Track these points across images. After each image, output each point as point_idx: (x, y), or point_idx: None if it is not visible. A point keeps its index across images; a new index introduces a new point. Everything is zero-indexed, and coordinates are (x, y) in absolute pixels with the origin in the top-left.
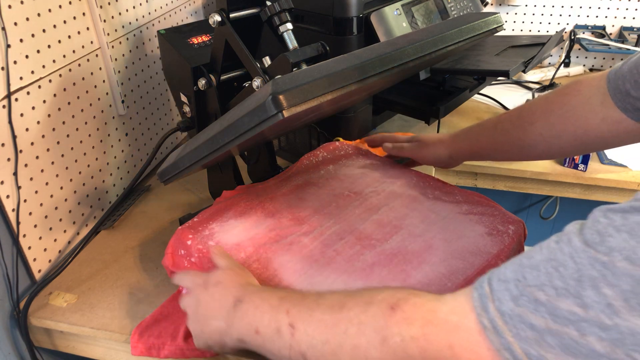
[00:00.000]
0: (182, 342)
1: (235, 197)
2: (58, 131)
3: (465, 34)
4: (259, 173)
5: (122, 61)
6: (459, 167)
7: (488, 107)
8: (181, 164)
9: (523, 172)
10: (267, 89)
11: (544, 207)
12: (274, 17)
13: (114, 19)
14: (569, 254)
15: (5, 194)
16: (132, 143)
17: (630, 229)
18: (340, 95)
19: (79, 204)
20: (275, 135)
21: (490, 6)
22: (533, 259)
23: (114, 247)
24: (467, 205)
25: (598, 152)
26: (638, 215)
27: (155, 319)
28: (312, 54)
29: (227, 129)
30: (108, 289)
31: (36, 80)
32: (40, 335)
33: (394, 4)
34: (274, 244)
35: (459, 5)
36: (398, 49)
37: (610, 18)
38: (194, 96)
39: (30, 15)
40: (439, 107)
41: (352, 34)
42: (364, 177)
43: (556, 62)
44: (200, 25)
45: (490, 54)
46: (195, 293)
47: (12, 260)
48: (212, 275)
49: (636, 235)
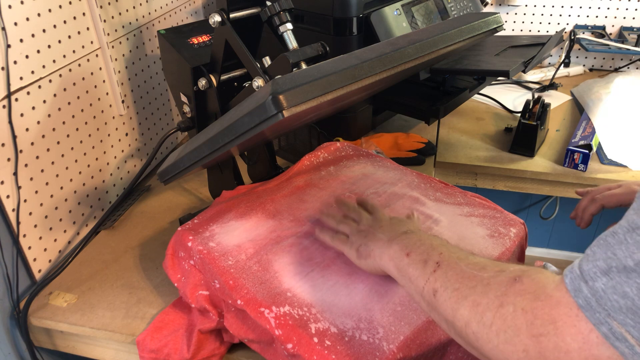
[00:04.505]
0: (187, 354)
1: (236, 198)
2: (58, 131)
3: (465, 34)
4: (259, 173)
5: (122, 61)
6: (459, 166)
7: (488, 107)
8: (181, 164)
9: (523, 172)
10: (267, 89)
11: (544, 207)
12: (274, 17)
13: (114, 19)
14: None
15: (5, 194)
16: (132, 143)
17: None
18: (340, 95)
19: (79, 204)
20: (275, 135)
21: (490, 6)
22: (618, 235)
23: (114, 247)
24: (468, 207)
25: (598, 152)
26: None
27: (156, 327)
28: (312, 54)
29: (227, 129)
30: (108, 289)
31: (36, 80)
32: (40, 335)
33: (394, 4)
34: (275, 245)
35: (459, 5)
36: (398, 49)
37: (610, 18)
38: (194, 96)
39: (31, 15)
40: (438, 107)
41: (352, 34)
42: (365, 179)
43: (556, 62)
44: (200, 25)
45: (490, 54)
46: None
47: (12, 260)
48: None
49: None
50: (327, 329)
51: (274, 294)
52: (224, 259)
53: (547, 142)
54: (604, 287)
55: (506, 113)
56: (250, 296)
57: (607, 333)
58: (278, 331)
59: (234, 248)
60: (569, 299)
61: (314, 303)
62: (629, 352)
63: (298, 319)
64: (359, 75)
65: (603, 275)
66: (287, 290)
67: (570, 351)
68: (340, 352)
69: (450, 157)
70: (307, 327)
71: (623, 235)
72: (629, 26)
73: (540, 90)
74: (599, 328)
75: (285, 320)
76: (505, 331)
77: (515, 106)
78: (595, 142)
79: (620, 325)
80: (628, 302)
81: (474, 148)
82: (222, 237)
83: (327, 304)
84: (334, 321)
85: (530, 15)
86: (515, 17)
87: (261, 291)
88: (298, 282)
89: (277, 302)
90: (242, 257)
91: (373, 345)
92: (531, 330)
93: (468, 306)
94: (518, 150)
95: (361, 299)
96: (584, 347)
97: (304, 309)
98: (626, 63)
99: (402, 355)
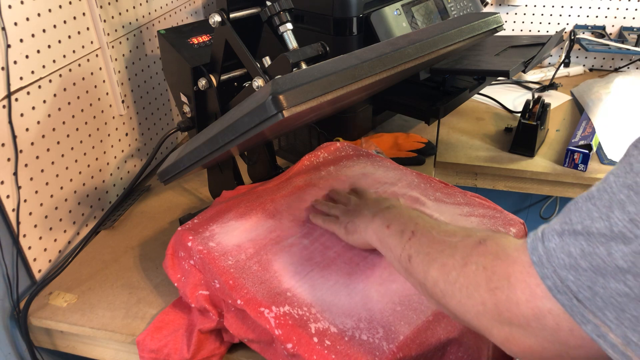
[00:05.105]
0: (187, 354)
1: (236, 198)
2: (58, 131)
3: (465, 34)
4: (259, 173)
5: (122, 61)
6: (459, 166)
7: (488, 107)
8: (181, 164)
9: (523, 172)
10: (267, 89)
11: (544, 207)
12: (274, 17)
13: (114, 19)
14: (603, 189)
15: (5, 194)
16: (132, 143)
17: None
18: (340, 95)
19: (79, 204)
20: (275, 135)
21: (490, 6)
22: (577, 203)
23: (114, 247)
24: (468, 207)
25: (598, 152)
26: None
27: (157, 327)
28: (312, 54)
29: (227, 129)
30: (108, 289)
31: (36, 80)
32: (40, 335)
33: (394, 4)
34: (274, 245)
35: (459, 5)
36: (398, 49)
37: (610, 18)
38: (194, 96)
39: (31, 15)
40: (438, 107)
41: (352, 34)
42: (365, 179)
43: (556, 62)
44: (200, 25)
45: (490, 54)
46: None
47: (12, 260)
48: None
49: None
50: (327, 329)
51: (273, 294)
52: (224, 258)
53: (547, 142)
54: (555, 246)
55: (506, 113)
56: (250, 296)
57: (550, 286)
58: (278, 331)
59: (234, 248)
60: (525, 257)
61: (314, 303)
62: (568, 303)
63: (298, 318)
64: (359, 75)
65: (557, 237)
66: (287, 290)
67: (520, 303)
68: (340, 352)
69: (450, 157)
70: (307, 327)
71: (581, 204)
72: (629, 26)
73: (540, 90)
74: (545, 282)
75: (285, 320)
76: (467, 287)
77: (515, 106)
78: (595, 142)
79: (562, 280)
80: (571, 261)
81: (474, 148)
82: (222, 237)
83: (327, 304)
84: (333, 321)
85: (530, 15)
86: (515, 17)
87: (261, 291)
88: (298, 282)
89: (277, 302)
90: (242, 257)
91: (373, 345)
92: (489, 285)
93: (436, 267)
94: (518, 150)
95: (361, 298)
96: (531, 299)
97: (303, 309)
98: (626, 63)
99: (402, 355)
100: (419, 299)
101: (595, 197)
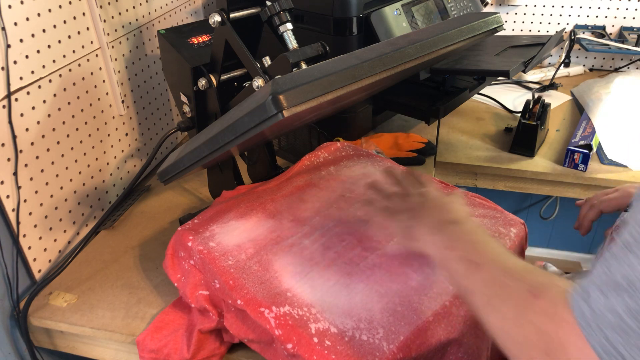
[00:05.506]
0: (187, 354)
1: (236, 198)
2: (58, 131)
3: (465, 34)
4: (259, 173)
5: (122, 61)
6: (459, 166)
7: (488, 107)
8: (181, 164)
9: (523, 172)
10: (267, 89)
11: (544, 207)
12: (274, 17)
13: (114, 19)
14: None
15: (5, 194)
16: (132, 143)
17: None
18: (340, 95)
19: (79, 204)
20: (275, 135)
21: (490, 6)
22: (613, 250)
23: (114, 247)
24: (468, 207)
25: (598, 152)
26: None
27: (157, 327)
28: (312, 54)
29: (227, 129)
30: (108, 289)
31: (36, 80)
32: (40, 335)
33: (394, 4)
34: (275, 245)
35: (459, 5)
36: (398, 49)
37: (610, 18)
38: (194, 96)
39: (30, 15)
40: (438, 107)
41: (352, 34)
42: (365, 179)
43: (556, 62)
44: (200, 25)
45: (490, 54)
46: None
47: (12, 260)
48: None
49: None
50: (327, 329)
51: (274, 294)
52: (224, 258)
53: (547, 142)
54: (598, 304)
55: (506, 113)
56: (250, 296)
57: (600, 353)
58: (278, 331)
59: (234, 248)
60: (574, 320)
61: (314, 303)
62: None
63: (298, 319)
64: (359, 75)
65: (599, 292)
66: (287, 290)
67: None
68: (340, 352)
69: (450, 157)
70: (307, 327)
71: (618, 251)
72: (629, 26)
73: (540, 90)
74: (595, 347)
75: (285, 320)
76: (521, 344)
77: (515, 106)
78: (595, 142)
79: (611, 343)
80: (618, 320)
81: (474, 148)
82: (222, 237)
83: (327, 304)
84: (334, 321)
85: (530, 15)
86: (515, 17)
87: (261, 291)
88: (298, 282)
89: (277, 302)
90: (242, 257)
91: (373, 345)
92: (542, 347)
93: (493, 314)
94: (518, 150)
95: (361, 299)
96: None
97: (304, 309)
98: (626, 63)
99: (402, 355)
100: (419, 299)
101: (631, 244)
